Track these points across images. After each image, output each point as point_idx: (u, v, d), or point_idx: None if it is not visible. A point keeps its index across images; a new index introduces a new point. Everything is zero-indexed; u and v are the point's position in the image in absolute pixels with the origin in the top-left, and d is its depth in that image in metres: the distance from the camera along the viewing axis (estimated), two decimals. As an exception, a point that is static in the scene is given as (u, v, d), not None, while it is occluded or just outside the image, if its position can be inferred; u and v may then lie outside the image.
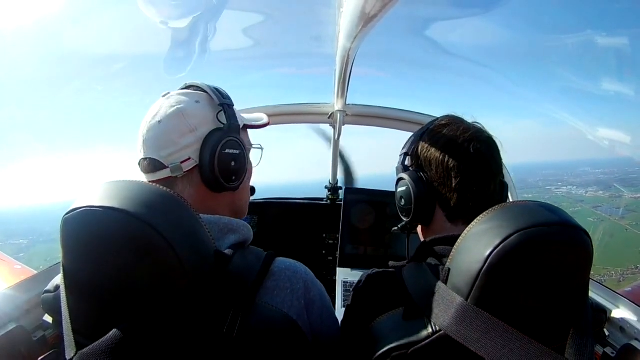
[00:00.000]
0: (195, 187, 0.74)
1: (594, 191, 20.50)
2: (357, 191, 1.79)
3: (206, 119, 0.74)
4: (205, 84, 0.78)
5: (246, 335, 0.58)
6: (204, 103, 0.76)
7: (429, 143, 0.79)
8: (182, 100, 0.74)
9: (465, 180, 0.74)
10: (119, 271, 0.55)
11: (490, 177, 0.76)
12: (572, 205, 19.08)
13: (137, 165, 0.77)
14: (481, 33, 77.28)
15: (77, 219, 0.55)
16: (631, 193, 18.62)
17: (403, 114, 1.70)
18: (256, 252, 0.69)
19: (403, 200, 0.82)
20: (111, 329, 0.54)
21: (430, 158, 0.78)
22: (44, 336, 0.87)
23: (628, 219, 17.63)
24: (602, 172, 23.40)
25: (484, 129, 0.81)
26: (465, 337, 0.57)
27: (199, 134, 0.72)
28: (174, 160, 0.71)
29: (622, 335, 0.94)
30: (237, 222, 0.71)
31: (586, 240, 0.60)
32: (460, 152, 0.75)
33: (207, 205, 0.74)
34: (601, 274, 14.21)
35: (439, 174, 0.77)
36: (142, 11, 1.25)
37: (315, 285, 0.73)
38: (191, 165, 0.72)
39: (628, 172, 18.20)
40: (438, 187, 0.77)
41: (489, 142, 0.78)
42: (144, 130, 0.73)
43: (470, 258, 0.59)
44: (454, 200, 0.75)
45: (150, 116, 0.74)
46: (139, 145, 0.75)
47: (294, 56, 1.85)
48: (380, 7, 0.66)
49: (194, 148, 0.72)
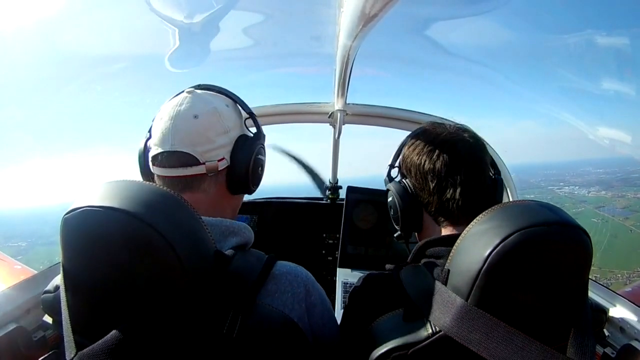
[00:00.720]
0: (217, 186, 0.75)
1: (596, 191, 20.19)
2: (359, 190, 1.76)
3: (236, 123, 0.78)
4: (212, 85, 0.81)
5: (246, 335, 0.58)
6: (232, 108, 0.79)
7: (409, 150, 0.82)
8: (214, 101, 0.75)
9: (441, 182, 0.75)
10: (119, 271, 0.55)
11: (469, 175, 0.75)
12: (574, 206, 18.85)
13: (147, 159, 0.75)
14: (482, 33, 77.60)
15: (77, 218, 0.55)
16: (634, 192, 18.37)
17: (403, 114, 1.70)
18: (257, 255, 0.70)
19: (392, 210, 0.86)
20: (111, 329, 0.54)
21: (410, 165, 0.80)
22: (44, 336, 0.87)
23: (632, 219, 17.35)
24: (604, 171, 23.20)
25: (465, 130, 0.81)
26: (466, 338, 0.57)
27: (231, 136, 0.75)
28: (210, 157, 0.72)
29: (622, 335, 0.94)
30: (238, 224, 0.71)
31: (585, 239, 0.60)
32: (434, 155, 0.76)
33: (221, 205, 0.76)
34: (607, 277, 13.71)
35: (418, 179, 0.78)
36: (150, 10, 1.25)
37: (316, 289, 0.73)
38: (224, 165, 0.74)
39: (629, 172, 17.84)
40: (419, 192, 0.79)
41: (466, 140, 0.78)
42: (175, 121, 0.71)
43: (470, 258, 0.59)
44: (435, 203, 0.77)
45: (177, 110, 0.71)
46: (159, 137, 0.72)
47: (294, 56, 1.85)
48: (380, 7, 0.66)
49: (227, 149, 0.74)
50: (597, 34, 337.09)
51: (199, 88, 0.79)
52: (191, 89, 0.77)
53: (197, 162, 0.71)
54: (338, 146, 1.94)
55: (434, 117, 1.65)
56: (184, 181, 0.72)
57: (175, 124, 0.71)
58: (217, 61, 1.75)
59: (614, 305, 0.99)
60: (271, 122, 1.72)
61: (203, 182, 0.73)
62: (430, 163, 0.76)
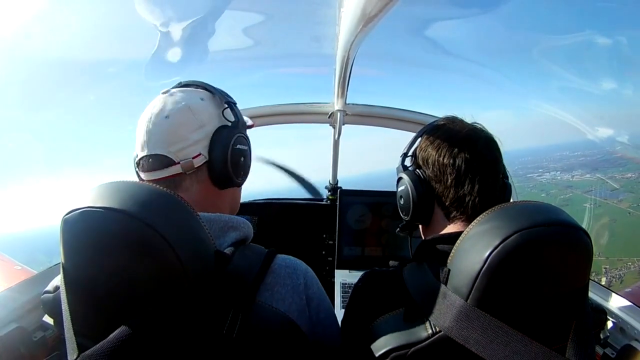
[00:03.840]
0: (201, 183, 0.73)
1: (579, 175, 19.01)
2: (351, 192, 1.81)
3: (212, 115, 0.75)
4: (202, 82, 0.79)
5: (246, 335, 0.58)
6: (208, 100, 0.76)
7: (426, 142, 0.80)
8: (187, 97, 0.74)
9: (460, 177, 0.74)
10: (119, 272, 0.55)
11: (487, 174, 0.75)
12: (561, 192, 17.86)
13: (135, 164, 0.76)
14: (482, 32, 75.78)
15: (76, 219, 0.55)
16: (620, 173, 16.72)
17: (403, 114, 1.71)
18: (257, 250, 0.69)
19: (402, 199, 0.83)
20: (112, 330, 0.54)
21: (427, 157, 0.78)
22: (44, 337, 0.87)
23: (627, 201, 15.83)
24: (582, 154, 21.88)
25: (482, 128, 0.81)
26: (465, 338, 0.57)
27: (207, 130, 0.73)
28: (185, 155, 0.70)
29: (622, 336, 0.94)
30: (237, 219, 0.71)
31: (586, 240, 0.60)
32: (455, 149, 0.75)
33: (211, 201, 0.74)
34: (617, 266, 12.31)
35: (435, 171, 0.77)
36: (139, 14, 1.25)
37: (314, 282, 0.74)
38: (202, 161, 0.72)
39: (609, 152, 16.23)
40: (435, 184, 0.77)
41: (486, 140, 0.78)
42: (148, 126, 0.71)
43: (470, 259, 0.59)
44: (450, 196, 0.75)
45: (152, 113, 0.72)
46: (139, 143, 0.73)
47: (294, 56, 1.85)
48: (380, 7, 0.66)
49: (203, 144, 0.72)
50: (596, 34, 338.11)
51: (178, 86, 0.79)
52: (167, 90, 0.77)
53: (172, 162, 0.70)
54: (338, 147, 1.94)
55: (434, 117, 1.65)
56: (165, 182, 0.71)
57: (149, 127, 0.71)
58: (217, 61, 1.75)
59: (614, 305, 0.99)
60: (271, 122, 1.73)
61: (183, 181, 0.72)
62: (450, 157, 0.75)
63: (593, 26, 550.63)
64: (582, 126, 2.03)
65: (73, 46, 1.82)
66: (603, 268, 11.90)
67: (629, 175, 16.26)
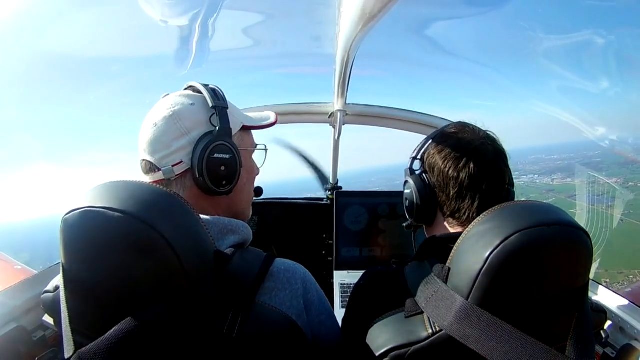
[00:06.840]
0: (188, 190, 0.73)
1: (560, 179, 17.99)
2: (347, 194, 1.82)
3: (199, 121, 0.73)
4: (205, 84, 0.78)
5: (246, 335, 0.58)
6: (199, 105, 0.74)
7: (434, 150, 0.82)
8: (178, 103, 0.74)
9: (462, 192, 0.75)
10: (119, 271, 0.55)
11: (490, 190, 0.75)
12: (543, 196, 17.23)
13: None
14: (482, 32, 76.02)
15: (77, 219, 0.55)
16: (604, 178, 16.44)
17: (403, 114, 1.71)
18: (256, 253, 0.70)
19: (407, 201, 0.86)
20: (110, 329, 0.54)
21: (434, 165, 0.80)
22: (44, 336, 0.87)
23: (617, 207, 15.50)
24: (559, 157, 21.43)
25: (492, 139, 0.81)
26: (466, 336, 0.57)
27: (191, 137, 0.71)
28: (166, 163, 0.71)
29: (622, 335, 0.94)
30: (236, 222, 0.72)
31: (586, 240, 0.60)
32: (460, 164, 0.76)
33: (202, 207, 0.73)
34: (618, 280, 11.26)
35: (439, 181, 0.78)
36: (143, 9, 1.25)
37: (313, 286, 0.74)
38: (183, 168, 0.71)
39: (589, 156, 15.50)
40: (438, 192, 0.79)
41: (495, 154, 0.78)
42: (142, 132, 0.74)
43: (470, 258, 0.60)
44: (450, 207, 0.77)
45: (147, 119, 0.74)
46: (139, 145, 0.75)
47: (294, 56, 1.85)
48: (380, 7, 0.66)
49: (186, 151, 0.71)
50: (597, 34, 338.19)
51: (183, 90, 0.79)
52: (166, 94, 0.77)
53: (156, 168, 0.72)
54: (338, 146, 1.94)
55: (433, 117, 1.65)
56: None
57: (142, 133, 0.73)
58: (217, 61, 1.75)
59: (614, 305, 0.99)
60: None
61: (170, 186, 0.73)
62: (455, 171, 0.76)
63: (588, 26, 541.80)
64: (556, 129, 2.02)
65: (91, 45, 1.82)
66: (604, 282, 11.16)
67: (615, 181, 15.83)
